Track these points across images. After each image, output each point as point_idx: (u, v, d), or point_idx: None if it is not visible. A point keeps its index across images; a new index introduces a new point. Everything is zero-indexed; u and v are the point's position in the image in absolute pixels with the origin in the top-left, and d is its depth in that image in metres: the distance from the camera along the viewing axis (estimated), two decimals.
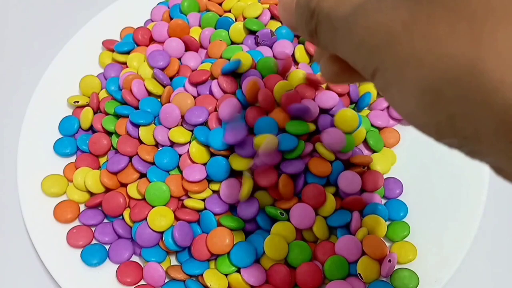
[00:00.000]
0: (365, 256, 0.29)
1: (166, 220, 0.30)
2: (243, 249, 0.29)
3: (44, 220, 0.32)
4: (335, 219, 0.30)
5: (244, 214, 0.30)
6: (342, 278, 0.29)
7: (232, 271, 0.29)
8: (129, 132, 0.33)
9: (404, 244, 0.30)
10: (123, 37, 0.40)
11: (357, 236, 0.30)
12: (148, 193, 0.31)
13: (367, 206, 0.31)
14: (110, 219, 0.33)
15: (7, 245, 0.34)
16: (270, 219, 0.30)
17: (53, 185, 0.33)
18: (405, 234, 0.30)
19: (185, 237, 0.29)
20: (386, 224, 0.31)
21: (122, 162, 0.32)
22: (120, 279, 0.30)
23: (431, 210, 0.31)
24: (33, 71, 0.39)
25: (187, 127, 0.33)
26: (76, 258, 0.31)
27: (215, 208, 0.31)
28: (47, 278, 0.32)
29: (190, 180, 0.31)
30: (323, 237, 0.30)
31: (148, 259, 0.30)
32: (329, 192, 0.31)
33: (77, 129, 0.36)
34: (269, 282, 0.29)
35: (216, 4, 0.40)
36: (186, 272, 0.29)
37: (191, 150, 0.31)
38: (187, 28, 0.38)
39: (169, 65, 0.36)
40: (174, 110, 0.33)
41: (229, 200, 0.31)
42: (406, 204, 0.32)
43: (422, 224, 0.31)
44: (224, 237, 0.29)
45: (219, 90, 0.34)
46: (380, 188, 0.32)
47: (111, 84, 0.36)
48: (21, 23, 0.45)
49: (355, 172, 0.31)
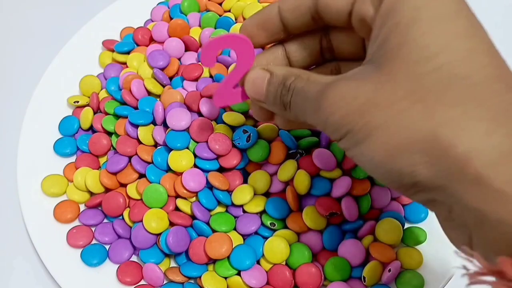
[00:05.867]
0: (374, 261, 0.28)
1: (161, 222, 0.30)
2: (243, 252, 0.29)
3: (44, 220, 0.32)
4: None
5: (245, 230, 0.30)
6: (343, 280, 0.29)
7: (231, 274, 0.29)
8: (128, 133, 0.33)
9: (410, 251, 0.30)
10: (123, 37, 0.40)
11: (362, 242, 0.29)
12: (145, 195, 0.31)
13: (384, 213, 0.31)
14: (110, 219, 0.33)
15: (7, 245, 0.34)
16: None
17: (53, 185, 0.33)
18: (421, 240, 0.30)
19: (179, 242, 0.29)
20: (402, 229, 0.30)
21: (122, 162, 0.32)
22: (120, 279, 0.30)
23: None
24: (33, 71, 0.39)
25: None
26: (76, 258, 0.31)
27: (199, 214, 0.30)
28: (47, 278, 0.32)
29: (186, 187, 0.30)
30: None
31: (145, 260, 0.30)
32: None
33: (77, 129, 0.36)
34: (269, 284, 0.29)
35: (216, 4, 0.40)
36: (184, 274, 0.29)
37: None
38: (187, 28, 0.38)
39: (169, 65, 0.36)
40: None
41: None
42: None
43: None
44: (222, 242, 0.29)
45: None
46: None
47: (111, 84, 0.36)
48: (21, 23, 0.45)
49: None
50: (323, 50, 0.24)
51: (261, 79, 0.22)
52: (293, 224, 0.30)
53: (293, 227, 0.30)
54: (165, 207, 0.31)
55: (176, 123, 0.31)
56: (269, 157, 0.31)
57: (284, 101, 0.21)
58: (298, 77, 0.20)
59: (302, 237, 0.30)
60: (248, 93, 0.23)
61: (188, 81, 0.35)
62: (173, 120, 0.31)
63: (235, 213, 0.31)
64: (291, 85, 0.20)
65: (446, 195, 0.16)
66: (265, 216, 0.30)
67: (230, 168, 0.31)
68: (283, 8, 0.22)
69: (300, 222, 0.30)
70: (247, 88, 0.23)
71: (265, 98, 0.22)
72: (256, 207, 0.30)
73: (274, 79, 0.21)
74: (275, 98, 0.21)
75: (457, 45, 0.16)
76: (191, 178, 0.31)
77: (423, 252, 0.30)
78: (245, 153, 0.31)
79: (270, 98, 0.22)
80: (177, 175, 0.31)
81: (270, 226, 0.30)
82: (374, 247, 0.29)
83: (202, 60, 0.23)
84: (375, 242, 0.29)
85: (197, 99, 0.33)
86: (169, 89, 0.34)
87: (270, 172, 0.31)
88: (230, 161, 0.31)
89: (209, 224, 0.30)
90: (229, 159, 0.31)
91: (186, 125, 0.32)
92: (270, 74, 0.22)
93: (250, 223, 0.30)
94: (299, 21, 0.22)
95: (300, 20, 0.22)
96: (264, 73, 0.22)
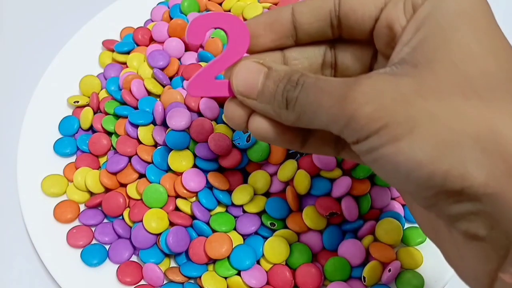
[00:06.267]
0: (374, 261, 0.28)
1: (161, 222, 0.30)
2: (243, 252, 0.29)
3: (44, 220, 0.32)
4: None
5: (245, 230, 0.30)
6: (343, 279, 0.29)
7: (231, 274, 0.29)
8: (128, 133, 0.33)
9: (410, 251, 0.30)
10: (123, 37, 0.40)
11: (362, 242, 0.29)
12: (145, 195, 0.31)
13: (384, 213, 0.31)
14: (110, 219, 0.33)
15: (7, 245, 0.34)
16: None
17: (53, 185, 0.33)
18: (421, 240, 0.30)
19: (179, 242, 0.29)
20: (402, 229, 0.30)
21: (122, 162, 0.32)
22: (120, 279, 0.30)
23: None
24: (33, 71, 0.39)
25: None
26: (76, 258, 0.31)
27: (199, 214, 0.30)
28: (47, 278, 0.32)
29: (186, 187, 0.30)
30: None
31: (145, 260, 0.30)
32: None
33: (77, 129, 0.35)
34: (269, 284, 0.29)
35: (216, 4, 0.40)
36: (184, 274, 0.29)
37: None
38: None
39: (169, 65, 0.36)
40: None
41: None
42: None
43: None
44: (222, 242, 0.29)
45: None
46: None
47: (111, 84, 0.36)
48: (21, 23, 0.45)
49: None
50: (324, 64, 0.23)
51: (255, 72, 0.19)
52: (293, 224, 0.30)
53: (293, 227, 0.30)
54: (165, 207, 0.31)
55: (176, 123, 0.31)
56: (269, 157, 0.31)
57: (288, 97, 0.18)
58: (304, 74, 0.18)
59: (302, 237, 0.30)
60: (236, 87, 0.20)
61: (188, 81, 0.35)
62: (173, 120, 0.31)
63: (235, 213, 0.31)
64: (300, 79, 0.18)
65: (496, 206, 0.14)
66: (265, 216, 0.30)
67: (230, 168, 0.31)
68: (300, 10, 0.20)
69: (300, 222, 0.30)
70: (236, 81, 0.20)
71: (259, 94, 0.19)
72: (256, 207, 0.30)
73: (274, 73, 0.19)
74: (274, 94, 0.19)
75: (500, 51, 0.16)
76: (191, 178, 0.31)
77: (423, 252, 0.30)
78: (245, 153, 0.31)
79: (266, 94, 0.19)
80: (177, 175, 0.31)
81: (270, 226, 0.30)
82: (374, 247, 0.29)
83: (188, 35, 0.20)
84: (375, 242, 0.29)
85: (197, 99, 0.33)
86: (169, 89, 0.34)
87: (270, 172, 0.31)
88: (230, 161, 0.31)
89: (209, 224, 0.30)
90: (229, 159, 0.31)
91: (186, 125, 0.32)
92: (268, 68, 0.19)
93: (250, 223, 0.30)
94: (313, 27, 0.21)
95: (315, 26, 0.20)
96: (260, 66, 0.19)
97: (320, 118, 0.17)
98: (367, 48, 0.21)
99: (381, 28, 0.19)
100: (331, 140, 0.22)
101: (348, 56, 0.22)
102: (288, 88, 0.18)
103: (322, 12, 0.20)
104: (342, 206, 0.29)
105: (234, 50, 0.20)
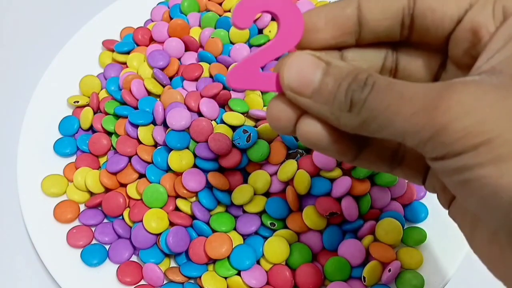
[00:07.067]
0: (374, 261, 0.29)
1: (161, 222, 0.30)
2: (243, 252, 0.29)
3: (44, 220, 0.32)
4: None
5: (245, 230, 0.30)
6: (343, 279, 0.29)
7: (231, 274, 0.29)
8: (128, 133, 0.33)
9: (410, 251, 0.30)
10: (123, 37, 0.40)
11: (362, 242, 0.29)
12: (145, 195, 0.31)
13: (384, 213, 0.31)
14: (110, 219, 0.33)
15: (7, 245, 0.34)
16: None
17: (53, 185, 0.33)
18: (421, 240, 0.30)
19: (179, 242, 0.29)
20: (402, 229, 0.30)
21: (122, 162, 0.32)
22: (120, 279, 0.30)
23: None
24: (33, 71, 0.39)
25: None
26: (76, 258, 0.31)
27: (199, 214, 0.30)
28: (47, 278, 0.32)
29: (186, 187, 0.30)
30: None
31: (145, 260, 0.30)
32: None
33: (77, 129, 0.35)
34: (269, 284, 0.29)
35: (216, 4, 0.40)
36: (184, 274, 0.29)
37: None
38: (187, 28, 0.38)
39: (169, 65, 0.36)
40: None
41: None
42: (426, 206, 0.31)
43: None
44: (222, 242, 0.29)
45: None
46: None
47: (111, 84, 0.36)
48: (21, 23, 0.45)
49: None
50: (383, 69, 0.20)
51: (311, 66, 0.16)
52: (293, 224, 0.30)
53: (293, 227, 0.30)
54: (165, 207, 0.31)
55: (176, 123, 0.31)
56: (269, 157, 0.31)
57: (354, 99, 0.15)
58: (374, 74, 0.16)
59: (302, 237, 0.30)
60: (287, 81, 0.17)
61: (188, 81, 0.35)
62: (173, 120, 0.31)
63: (235, 213, 0.31)
64: (369, 79, 0.15)
65: None
66: (265, 216, 0.30)
67: (230, 168, 0.31)
68: (368, 5, 0.18)
69: (300, 222, 0.30)
70: (288, 74, 0.17)
71: (315, 92, 0.16)
72: (256, 207, 0.30)
73: (334, 70, 0.16)
74: (334, 94, 0.16)
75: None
76: (191, 178, 0.31)
77: (423, 252, 0.30)
78: (245, 153, 0.31)
79: (324, 93, 0.16)
80: (177, 175, 0.31)
81: (270, 226, 0.30)
82: (374, 247, 0.29)
83: (234, 19, 0.17)
84: (375, 242, 0.29)
85: (197, 99, 0.33)
86: (169, 89, 0.34)
87: (270, 172, 0.31)
88: (230, 161, 0.31)
89: (209, 224, 0.30)
90: (229, 159, 0.31)
91: (186, 125, 0.32)
92: (326, 63, 0.16)
93: (250, 223, 0.30)
94: (381, 25, 0.18)
95: (383, 24, 0.18)
96: (317, 61, 0.16)
97: (394, 126, 0.15)
98: (435, 54, 0.19)
99: (462, 32, 0.17)
100: (388, 154, 0.19)
101: (413, 61, 0.19)
102: (354, 88, 0.15)
103: (394, 9, 0.18)
104: (342, 206, 0.29)
105: (284, 40, 0.17)
